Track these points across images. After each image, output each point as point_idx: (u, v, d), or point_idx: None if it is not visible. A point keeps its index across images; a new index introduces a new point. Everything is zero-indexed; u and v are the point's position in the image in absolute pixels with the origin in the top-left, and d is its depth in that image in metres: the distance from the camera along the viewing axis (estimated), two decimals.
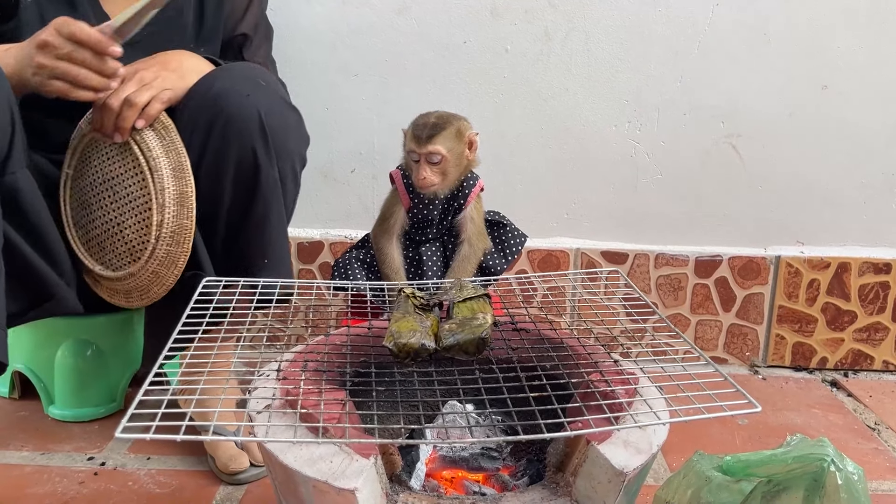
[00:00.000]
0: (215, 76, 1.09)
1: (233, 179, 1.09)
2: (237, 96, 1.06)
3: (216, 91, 1.07)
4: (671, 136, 1.61)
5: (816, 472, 0.82)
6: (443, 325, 0.85)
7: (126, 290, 1.12)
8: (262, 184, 1.09)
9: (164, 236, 1.06)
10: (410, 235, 1.34)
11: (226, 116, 1.06)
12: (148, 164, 1.06)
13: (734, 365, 1.69)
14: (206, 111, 1.07)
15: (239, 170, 1.08)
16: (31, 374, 1.39)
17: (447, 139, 1.25)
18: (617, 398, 0.77)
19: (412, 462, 0.87)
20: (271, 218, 1.12)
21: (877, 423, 1.43)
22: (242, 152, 1.07)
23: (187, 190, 1.06)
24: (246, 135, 1.06)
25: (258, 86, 1.09)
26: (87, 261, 1.13)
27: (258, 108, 1.07)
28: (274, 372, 0.85)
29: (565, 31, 1.56)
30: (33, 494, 1.14)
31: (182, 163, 1.06)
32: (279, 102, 1.11)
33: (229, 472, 1.17)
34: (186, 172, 1.06)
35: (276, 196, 1.12)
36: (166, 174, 1.06)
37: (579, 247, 1.65)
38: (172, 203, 1.06)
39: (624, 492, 0.71)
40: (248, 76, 1.10)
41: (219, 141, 1.07)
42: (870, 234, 1.66)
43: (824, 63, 1.57)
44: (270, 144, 1.08)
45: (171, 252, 1.07)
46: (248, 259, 1.13)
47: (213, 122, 1.06)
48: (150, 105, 1.06)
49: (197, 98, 1.08)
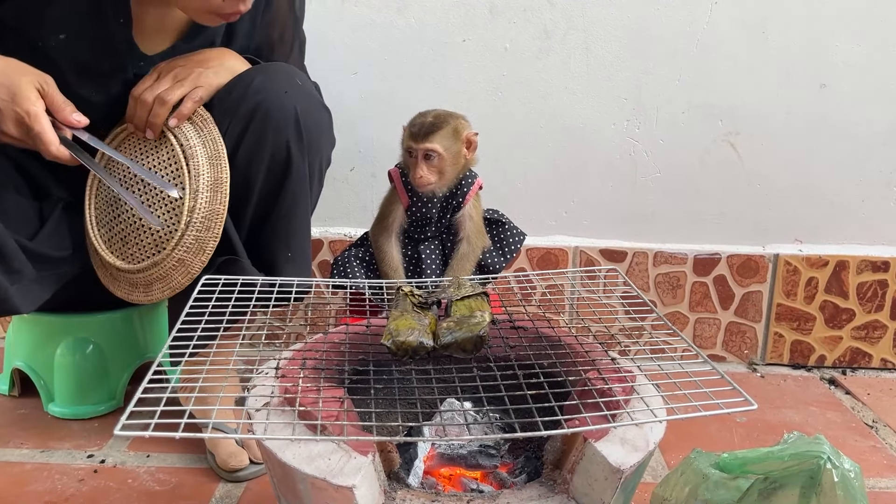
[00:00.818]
0: (256, 72, 1.13)
1: (265, 170, 1.12)
2: (276, 92, 1.10)
3: (257, 85, 1.10)
4: (670, 134, 1.61)
5: (813, 469, 0.82)
6: (441, 324, 0.86)
7: (147, 281, 1.12)
8: (293, 177, 1.12)
9: (194, 222, 1.07)
10: (409, 233, 1.34)
11: (265, 109, 1.09)
12: (184, 153, 1.08)
13: (733, 363, 1.69)
14: (245, 103, 1.10)
15: (272, 161, 1.11)
16: (30, 371, 1.39)
17: (444, 137, 1.26)
18: (614, 396, 0.77)
19: (410, 460, 0.87)
20: (298, 211, 1.15)
21: (874, 421, 1.43)
22: (277, 145, 1.10)
23: (222, 176, 1.09)
24: (282, 129, 1.10)
25: (295, 84, 1.13)
26: (109, 257, 1.13)
27: (295, 104, 1.10)
28: (273, 370, 0.86)
29: (564, 30, 1.56)
30: (33, 492, 1.14)
31: (219, 151, 1.09)
32: (314, 102, 1.16)
33: (229, 469, 1.17)
34: (223, 160, 1.09)
35: (303, 190, 1.15)
36: (202, 161, 1.08)
37: (578, 245, 1.65)
38: (206, 189, 1.08)
39: (621, 489, 0.72)
40: (287, 74, 1.14)
41: (256, 132, 1.10)
42: (868, 233, 1.66)
43: (823, 62, 1.57)
44: (304, 140, 1.12)
45: (201, 238, 1.08)
46: (272, 251, 1.16)
47: (251, 114, 1.10)
48: (183, 104, 1.10)
49: (238, 90, 1.11)
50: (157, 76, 1.11)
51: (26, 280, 1.09)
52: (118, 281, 1.15)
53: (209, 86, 1.12)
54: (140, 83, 1.12)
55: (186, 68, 1.11)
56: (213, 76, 1.12)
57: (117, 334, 1.41)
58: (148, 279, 1.12)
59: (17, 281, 1.08)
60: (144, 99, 1.09)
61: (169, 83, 1.10)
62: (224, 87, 1.13)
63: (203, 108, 1.12)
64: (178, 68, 1.11)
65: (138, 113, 1.10)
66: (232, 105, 1.11)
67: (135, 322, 1.43)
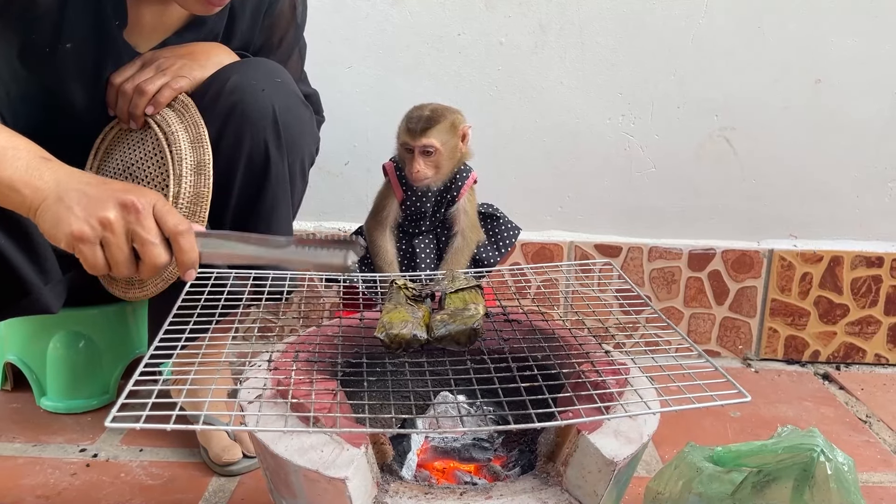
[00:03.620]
0: (232, 69, 1.09)
1: (243, 171, 1.08)
2: (253, 90, 1.06)
3: (232, 84, 1.06)
4: (665, 129, 1.61)
5: (806, 462, 0.82)
6: (434, 316, 0.85)
7: (127, 280, 1.10)
8: (272, 178, 1.09)
9: (180, 207, 1.04)
10: (404, 228, 1.34)
11: (241, 109, 1.06)
12: (167, 139, 1.05)
13: (727, 358, 1.69)
14: (221, 102, 1.06)
15: (250, 162, 1.08)
16: (23, 365, 1.38)
17: (441, 132, 1.25)
18: (608, 388, 0.77)
19: (403, 452, 0.87)
20: (278, 213, 1.12)
21: (868, 416, 1.43)
22: (255, 145, 1.07)
23: (205, 158, 1.05)
24: (259, 128, 1.06)
25: (274, 81, 1.09)
26: None
27: (273, 102, 1.06)
28: (265, 362, 0.85)
29: (560, 24, 1.55)
30: (25, 486, 1.14)
31: (200, 134, 1.05)
32: (293, 99, 1.11)
33: (222, 462, 1.17)
34: (204, 143, 1.05)
35: (284, 191, 1.11)
36: (184, 146, 1.05)
37: (573, 240, 1.65)
38: (190, 173, 1.04)
39: (614, 481, 0.72)
40: (264, 71, 1.10)
41: (232, 133, 1.07)
42: (862, 228, 1.66)
43: (818, 57, 1.57)
44: (283, 139, 1.08)
45: None
46: None
47: (228, 114, 1.06)
48: (161, 92, 1.06)
49: (214, 88, 1.08)
50: (141, 65, 1.08)
51: (54, 280, 1.07)
52: (115, 280, 1.14)
53: (192, 77, 1.08)
54: (121, 71, 1.08)
55: (170, 59, 1.08)
56: (197, 68, 1.09)
57: (110, 328, 1.40)
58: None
59: (48, 281, 1.06)
60: (124, 90, 1.06)
61: (151, 73, 1.06)
62: (202, 84, 1.09)
63: (185, 94, 1.08)
64: (161, 59, 1.08)
65: (119, 104, 1.08)
66: (208, 104, 1.07)
67: (128, 316, 1.43)
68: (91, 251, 0.80)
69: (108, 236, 0.80)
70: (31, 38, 1.00)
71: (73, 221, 0.79)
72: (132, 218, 0.80)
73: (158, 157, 1.07)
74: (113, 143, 1.14)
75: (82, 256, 0.80)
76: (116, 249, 0.80)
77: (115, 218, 0.80)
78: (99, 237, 0.79)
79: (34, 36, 1.00)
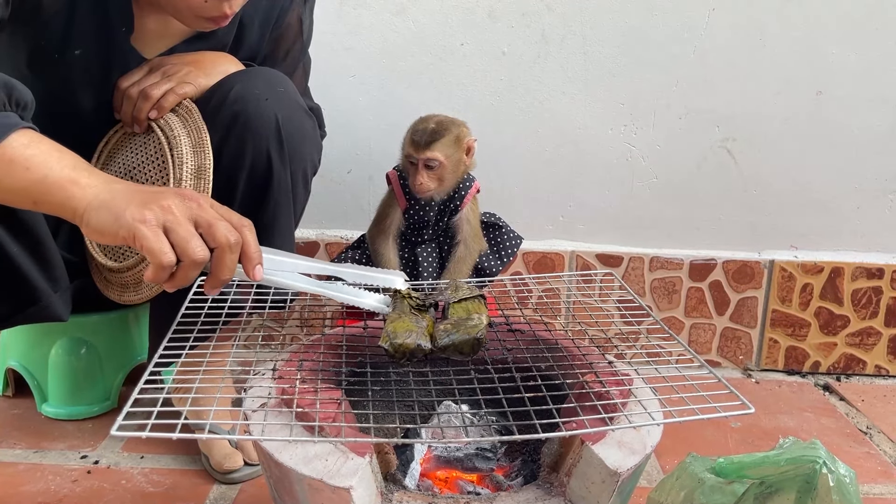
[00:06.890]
0: (236, 78, 1.09)
1: (246, 181, 1.08)
2: (255, 99, 1.06)
3: (235, 93, 1.07)
4: (667, 139, 1.61)
5: (808, 473, 0.82)
6: (438, 326, 0.86)
7: (136, 279, 1.08)
8: (274, 188, 1.09)
9: None
10: (406, 236, 1.34)
11: (244, 119, 1.06)
12: (168, 143, 1.06)
13: (728, 368, 1.70)
14: (224, 112, 1.07)
15: (252, 172, 1.08)
16: (24, 371, 1.38)
17: (446, 146, 1.26)
18: (611, 399, 0.77)
19: (407, 462, 0.87)
20: (280, 222, 1.12)
21: (869, 427, 1.43)
22: (257, 155, 1.07)
23: (206, 163, 1.05)
24: (262, 138, 1.06)
25: (276, 91, 1.09)
26: (100, 258, 1.12)
27: (276, 112, 1.06)
28: (269, 371, 0.85)
29: (562, 35, 1.56)
30: (26, 492, 1.13)
31: (202, 139, 1.06)
32: (296, 108, 1.11)
33: (223, 470, 1.17)
34: (206, 148, 1.05)
35: (286, 201, 1.11)
36: (186, 150, 1.05)
37: (574, 249, 1.65)
38: (190, 177, 1.05)
39: (618, 492, 0.72)
40: (267, 81, 1.10)
41: (235, 142, 1.07)
42: (863, 239, 1.67)
43: (819, 69, 1.57)
44: (285, 149, 1.08)
45: None
46: None
47: (230, 123, 1.06)
48: (165, 97, 1.06)
49: (217, 97, 1.08)
50: (148, 71, 1.09)
51: (62, 288, 1.07)
52: (111, 283, 1.14)
53: (197, 84, 1.09)
54: (128, 75, 1.09)
55: (177, 66, 1.09)
56: (202, 76, 1.10)
57: (112, 335, 1.40)
58: (137, 277, 1.11)
59: (58, 289, 1.06)
60: (130, 94, 1.07)
61: (157, 78, 1.07)
62: (206, 93, 1.10)
63: (189, 100, 1.09)
64: (168, 65, 1.09)
65: (124, 107, 1.09)
66: (211, 113, 1.08)
67: (130, 323, 1.43)
68: (155, 234, 0.75)
69: (171, 219, 0.77)
70: (39, 44, 1.01)
71: (133, 209, 0.77)
72: (193, 205, 0.79)
73: (160, 160, 1.08)
74: (116, 146, 1.14)
75: (146, 243, 0.75)
76: (183, 230, 0.76)
77: (177, 203, 0.78)
78: (161, 221, 0.76)
79: (43, 42, 1.01)
